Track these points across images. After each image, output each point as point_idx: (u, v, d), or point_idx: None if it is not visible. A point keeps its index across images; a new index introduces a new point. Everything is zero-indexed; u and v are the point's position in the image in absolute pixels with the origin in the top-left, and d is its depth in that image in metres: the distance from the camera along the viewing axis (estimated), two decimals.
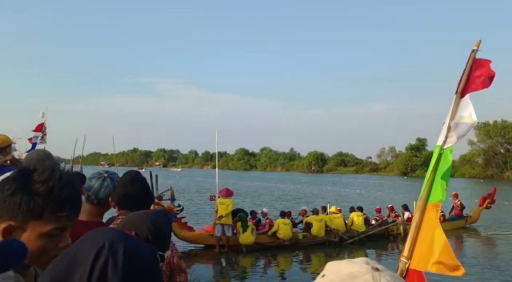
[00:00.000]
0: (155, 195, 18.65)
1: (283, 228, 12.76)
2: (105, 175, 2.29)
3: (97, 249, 0.79)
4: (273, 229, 12.84)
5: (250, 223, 12.48)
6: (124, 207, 2.03)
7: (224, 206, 12.21)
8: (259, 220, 13.40)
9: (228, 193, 12.71)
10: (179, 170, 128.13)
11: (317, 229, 13.30)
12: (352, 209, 15.10)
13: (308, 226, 13.45)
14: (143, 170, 49.24)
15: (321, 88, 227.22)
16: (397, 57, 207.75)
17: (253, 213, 13.48)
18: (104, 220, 2.33)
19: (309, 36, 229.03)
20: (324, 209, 14.98)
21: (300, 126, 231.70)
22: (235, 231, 12.42)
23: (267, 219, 13.59)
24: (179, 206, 13.81)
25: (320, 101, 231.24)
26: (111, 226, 1.97)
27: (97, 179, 2.27)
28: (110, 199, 2.12)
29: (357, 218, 14.41)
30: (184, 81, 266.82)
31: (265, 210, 14.22)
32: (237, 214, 12.39)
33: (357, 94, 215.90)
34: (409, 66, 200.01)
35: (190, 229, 12.60)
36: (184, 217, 12.75)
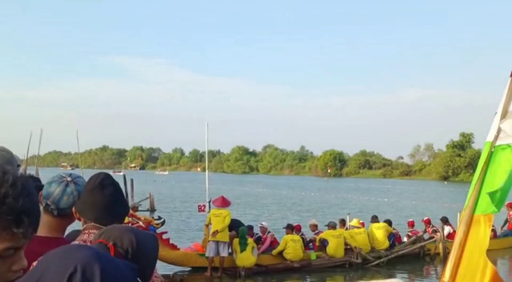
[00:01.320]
0: (129, 204, 18.66)
1: (292, 246, 12.78)
2: (68, 179, 2.29)
3: (67, 275, 0.78)
4: (280, 248, 12.87)
5: (250, 240, 12.50)
6: (91, 218, 2.03)
7: (220, 219, 12.22)
8: (259, 237, 13.41)
9: (224, 203, 12.73)
10: (166, 173, 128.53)
11: (334, 247, 13.32)
12: (374, 219, 15.09)
13: (323, 243, 13.47)
14: (120, 172, 49.05)
15: (339, 71, 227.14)
16: (435, 31, 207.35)
17: (249, 228, 13.44)
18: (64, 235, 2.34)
19: (325, 6, 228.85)
20: (343, 222, 14.98)
21: (313, 118, 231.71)
22: (231, 250, 12.49)
23: (268, 233, 13.58)
24: (160, 218, 13.85)
25: (338, 88, 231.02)
26: (75, 242, 1.98)
27: (58, 183, 2.27)
28: (74, 209, 2.13)
29: (377, 231, 14.40)
30: (167, 62, 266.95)
31: (264, 223, 14.11)
32: (236, 228, 12.42)
33: (385, 78, 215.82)
34: (451, 41, 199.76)
35: (174, 247, 12.64)
36: (166, 232, 12.80)
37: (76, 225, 2.32)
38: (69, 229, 2.40)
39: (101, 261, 0.83)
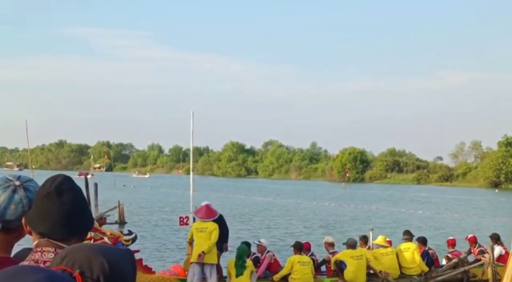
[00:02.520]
0: (94, 215, 18.68)
1: (299, 270, 12.83)
2: (16, 183, 2.27)
3: None
4: (284, 271, 12.94)
5: (249, 262, 12.55)
6: (45, 233, 2.03)
7: (205, 234, 12.25)
8: (257, 258, 13.49)
9: (209, 213, 12.75)
10: (146, 176, 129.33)
11: (353, 271, 13.37)
12: (407, 236, 15.10)
13: (340, 266, 13.52)
14: (89, 175, 48.49)
15: (361, 47, 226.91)
16: None
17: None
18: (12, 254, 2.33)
19: None
20: (365, 239, 15.01)
21: (328, 107, 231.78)
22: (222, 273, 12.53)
23: (267, 253, 13.63)
24: (130, 233, 13.89)
25: (359, 68, 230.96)
26: (24, 263, 1.98)
27: (3, 189, 2.25)
28: (24, 220, 2.12)
29: (406, 254, 14.42)
30: (141, 34, 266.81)
31: (263, 241, 14.15)
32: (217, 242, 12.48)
33: (421, 57, 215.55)
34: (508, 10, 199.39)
35: (148, 270, 12.69)
36: (138, 251, 12.83)
37: (26, 242, 2.32)
38: (17, 247, 2.39)
39: None
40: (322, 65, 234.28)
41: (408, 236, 15.12)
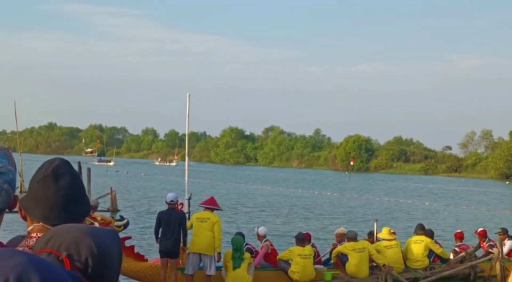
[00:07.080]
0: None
1: (300, 263, 12.89)
2: None
3: None
4: (283, 256, 13.05)
5: (247, 254, 12.60)
6: (40, 217, 2.04)
7: (206, 225, 12.31)
8: (249, 249, 13.51)
9: (214, 203, 12.87)
10: (173, 164, 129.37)
11: (355, 264, 13.42)
12: (419, 229, 15.14)
13: (342, 259, 13.59)
14: (111, 162, 47.27)
15: (368, 29, 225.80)
16: None
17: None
18: (5, 240, 2.35)
19: None
20: (372, 235, 15.08)
21: (332, 92, 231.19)
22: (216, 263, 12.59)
23: (265, 242, 13.67)
24: (122, 218, 13.90)
25: (366, 52, 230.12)
26: (19, 249, 2.00)
27: None
28: (18, 205, 2.13)
29: (415, 246, 14.53)
30: (137, 13, 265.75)
31: (261, 230, 14.17)
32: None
33: (431, 41, 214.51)
34: None
35: (140, 257, 12.72)
36: (130, 238, 12.84)
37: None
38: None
39: (39, 269, 0.85)
40: (326, 48, 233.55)
41: (420, 229, 15.14)
